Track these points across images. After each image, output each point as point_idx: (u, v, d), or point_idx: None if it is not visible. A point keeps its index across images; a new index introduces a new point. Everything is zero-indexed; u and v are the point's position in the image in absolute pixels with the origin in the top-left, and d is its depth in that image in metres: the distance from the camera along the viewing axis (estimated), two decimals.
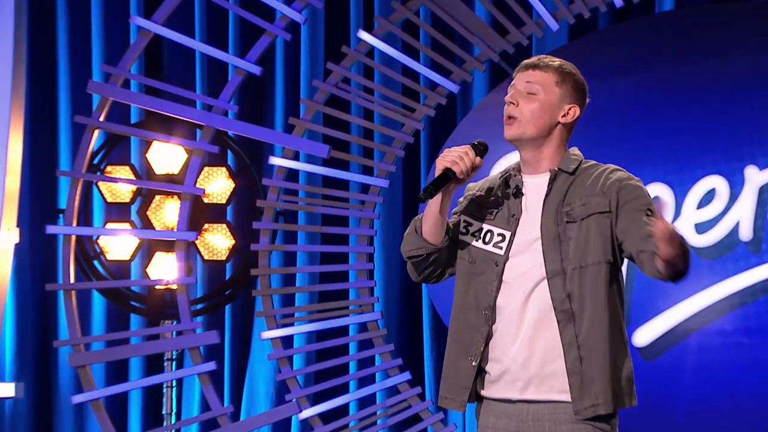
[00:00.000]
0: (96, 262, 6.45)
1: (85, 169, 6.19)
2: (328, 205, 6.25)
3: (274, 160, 6.24)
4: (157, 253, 6.42)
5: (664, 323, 5.92)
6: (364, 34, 6.22)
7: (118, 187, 6.46)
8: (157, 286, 6.39)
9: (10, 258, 6.18)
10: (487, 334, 3.15)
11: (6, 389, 6.45)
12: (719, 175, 5.93)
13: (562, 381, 3.10)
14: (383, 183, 6.27)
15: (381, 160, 6.31)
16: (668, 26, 6.15)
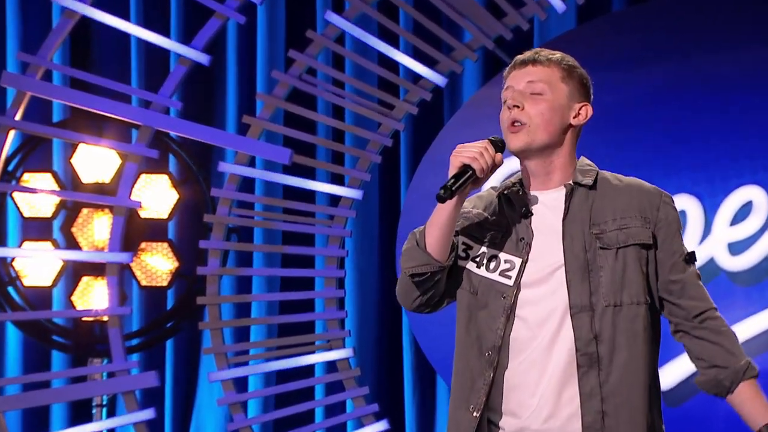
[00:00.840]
0: (11, 289, 6.44)
1: None
2: (290, 220, 6.21)
3: (225, 167, 6.19)
4: (85, 278, 6.38)
5: (691, 362, 5.86)
6: (333, 16, 6.17)
7: (38, 198, 6.39)
8: (85, 318, 6.35)
9: None
10: (491, 381, 3.11)
11: None
12: (757, 185, 5.91)
13: None
14: (356, 194, 6.22)
15: (353, 167, 6.28)
16: (697, 6, 6.11)
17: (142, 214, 6.40)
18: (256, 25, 6.90)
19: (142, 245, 6.41)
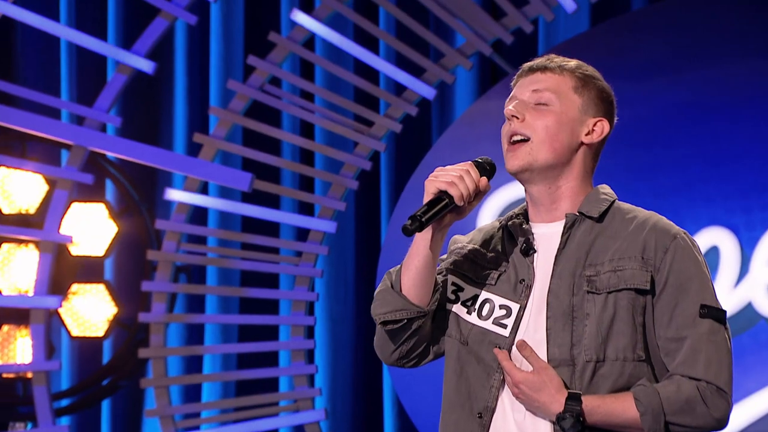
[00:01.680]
0: None
1: None
2: (249, 258, 6.17)
3: (173, 195, 6.15)
4: (5, 327, 6.32)
5: (752, 408, 5.96)
6: (300, 16, 6.16)
7: None
8: (5, 375, 6.25)
9: None
10: None
11: None
12: None
13: None
14: (328, 227, 6.20)
15: (325, 195, 6.24)
16: (728, 6, 6.11)
17: (74, 251, 6.39)
18: (210, 27, 6.91)
19: (74, 288, 6.42)
